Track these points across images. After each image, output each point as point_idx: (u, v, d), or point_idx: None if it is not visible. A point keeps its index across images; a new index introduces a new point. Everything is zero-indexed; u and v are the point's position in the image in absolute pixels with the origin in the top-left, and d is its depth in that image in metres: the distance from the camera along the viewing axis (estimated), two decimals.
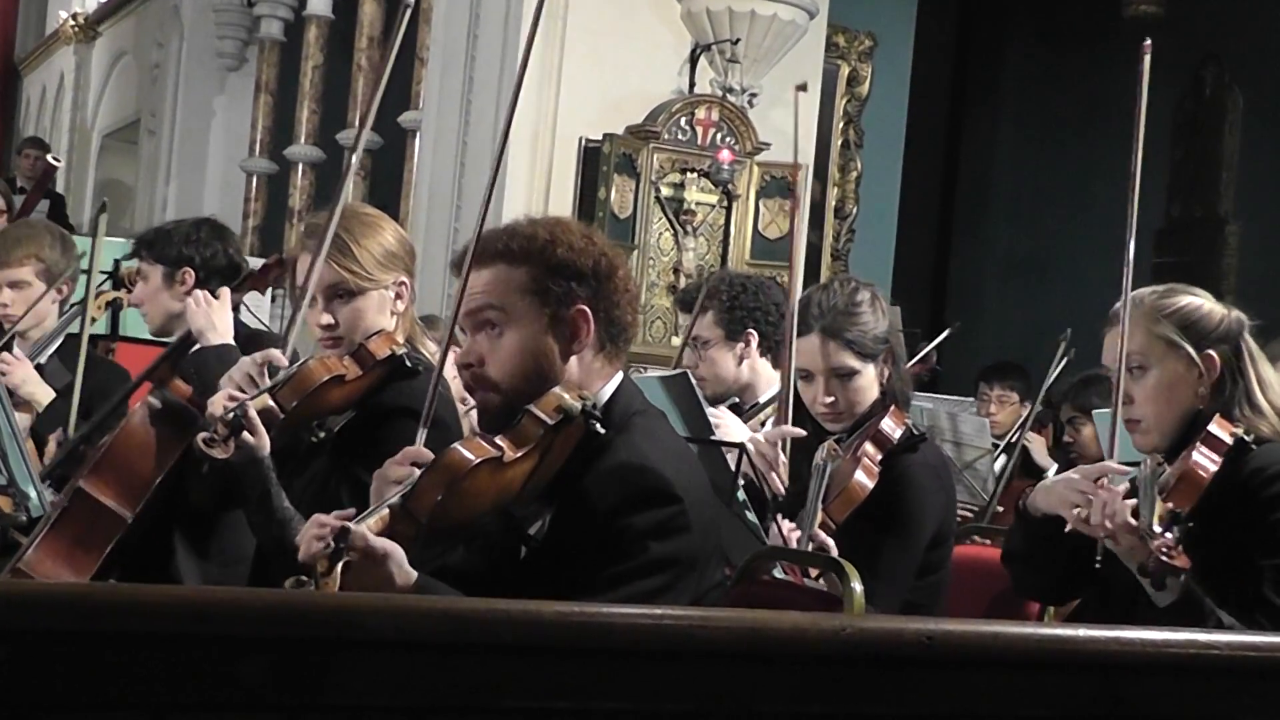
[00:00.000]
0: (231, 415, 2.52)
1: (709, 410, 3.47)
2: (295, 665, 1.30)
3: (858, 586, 2.55)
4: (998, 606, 3.03)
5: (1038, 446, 5.63)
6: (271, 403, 2.60)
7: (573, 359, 2.19)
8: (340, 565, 1.96)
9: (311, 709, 1.31)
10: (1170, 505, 2.27)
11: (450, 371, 3.00)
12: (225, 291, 3.35)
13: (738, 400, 3.87)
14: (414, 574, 2.02)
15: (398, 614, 1.37)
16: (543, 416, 2.10)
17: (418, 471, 2.10)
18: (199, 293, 3.33)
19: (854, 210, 9.42)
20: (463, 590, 2.04)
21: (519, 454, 2.07)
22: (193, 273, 3.66)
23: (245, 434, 2.53)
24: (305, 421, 2.73)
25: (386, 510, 2.02)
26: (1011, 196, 10.67)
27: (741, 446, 3.14)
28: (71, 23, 13.63)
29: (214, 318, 3.25)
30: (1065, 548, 2.43)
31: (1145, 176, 2.72)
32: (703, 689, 1.39)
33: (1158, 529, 2.20)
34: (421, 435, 2.20)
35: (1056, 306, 9.97)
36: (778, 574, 2.93)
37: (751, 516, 3.05)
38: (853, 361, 2.98)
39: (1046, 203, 10.25)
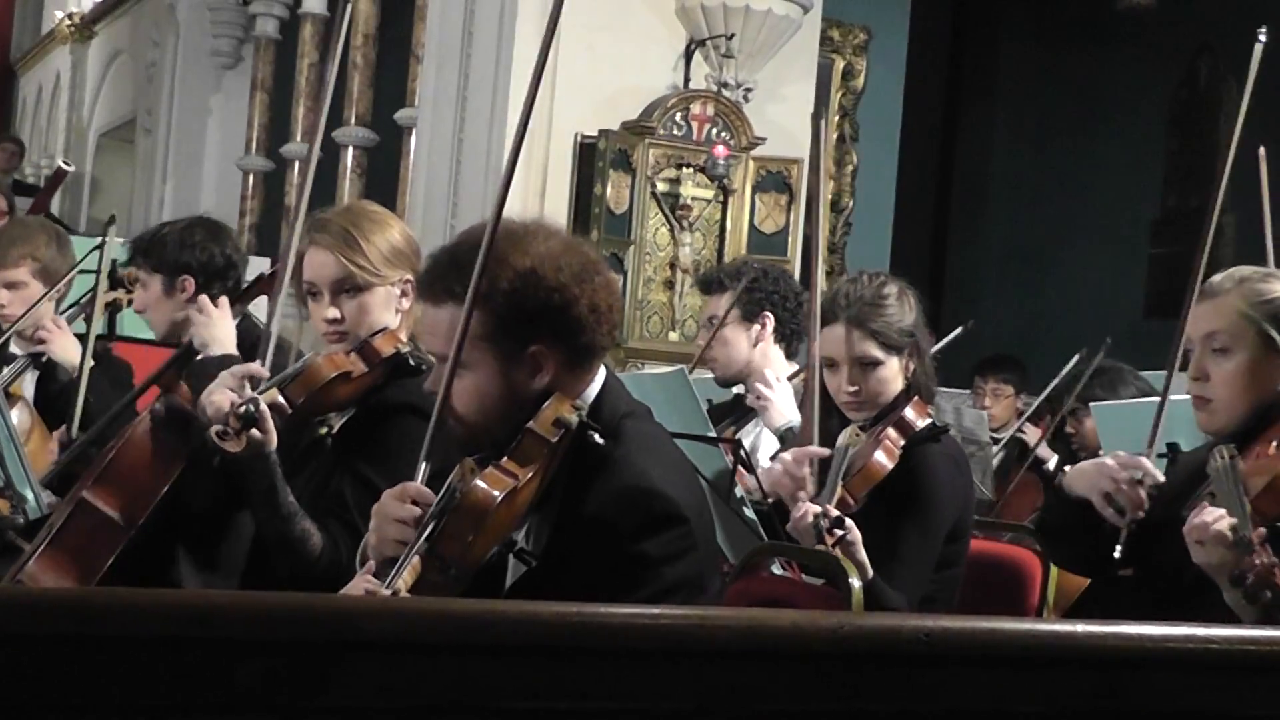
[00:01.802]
0: (244, 409, 2.53)
1: (769, 394, 3.50)
2: (294, 668, 1.30)
3: (856, 583, 2.56)
4: (997, 602, 3.04)
5: (1032, 439, 5.61)
6: (280, 398, 2.62)
7: (537, 388, 2.15)
8: None
9: (310, 711, 1.31)
10: (1257, 509, 2.20)
11: None
12: (224, 301, 3.36)
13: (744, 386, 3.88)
14: None
15: (396, 615, 1.37)
16: (544, 435, 2.08)
17: (417, 510, 2.07)
18: (203, 300, 3.34)
19: (850, 204, 9.42)
20: None
21: (529, 476, 2.06)
22: (192, 280, 3.64)
23: (255, 429, 2.54)
24: (311, 417, 2.74)
25: (417, 559, 1.99)
26: (1008, 189, 10.67)
27: (738, 443, 3.14)
28: (67, 22, 13.62)
29: (215, 330, 3.27)
30: (1099, 528, 2.43)
31: (1141, 167, 2.71)
32: (701, 688, 1.39)
33: (1254, 535, 2.13)
34: (424, 461, 2.18)
35: (1053, 299, 9.99)
36: (776, 570, 2.93)
37: (749, 512, 3.05)
38: (877, 351, 3.00)
39: (1043, 195, 10.25)
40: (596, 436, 2.09)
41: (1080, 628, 1.49)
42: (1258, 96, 2.61)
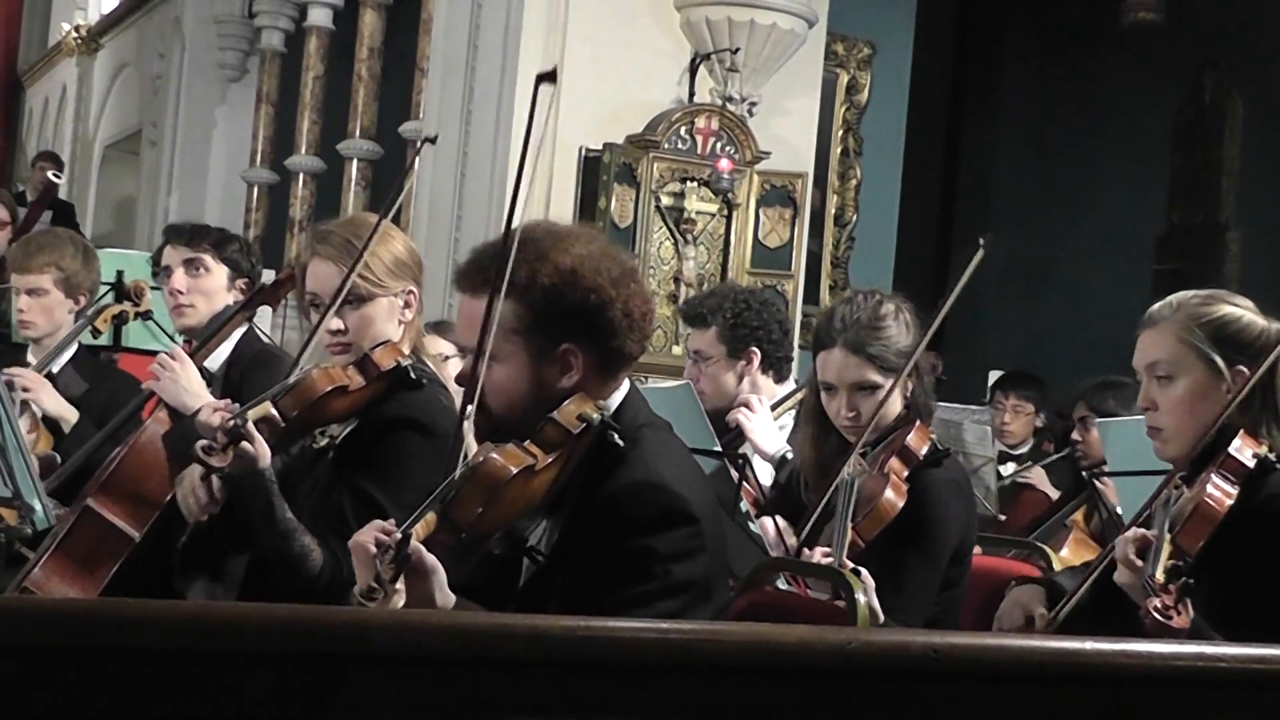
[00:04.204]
0: (231, 424, 2.53)
1: (752, 419, 3.49)
2: (301, 680, 1.30)
3: (862, 598, 2.55)
4: None
5: (1036, 479, 5.57)
6: (273, 411, 2.61)
7: (565, 387, 2.16)
8: (403, 575, 1.94)
9: None
10: (1178, 545, 2.22)
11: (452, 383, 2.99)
12: (179, 350, 3.32)
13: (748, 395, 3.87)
14: (452, 597, 2.00)
15: (404, 629, 1.37)
16: (566, 425, 2.09)
17: (388, 539, 2.02)
18: (161, 361, 3.23)
19: (854, 218, 9.42)
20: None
21: (547, 461, 2.07)
22: (247, 284, 3.70)
23: (244, 444, 2.53)
24: (307, 430, 2.73)
25: (432, 515, 2.00)
26: (1011, 203, 10.68)
27: (743, 457, 3.14)
28: (74, 35, 13.66)
29: (184, 382, 3.17)
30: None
31: (1146, 183, 2.69)
32: (709, 703, 1.39)
33: (1160, 577, 2.15)
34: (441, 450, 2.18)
35: (1057, 313, 9.98)
36: (781, 585, 2.93)
37: (754, 527, 3.05)
38: (875, 376, 2.95)
39: (1046, 209, 10.25)
40: (616, 437, 2.09)
41: (1088, 645, 1.48)
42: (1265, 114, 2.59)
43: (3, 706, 1.25)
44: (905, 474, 2.90)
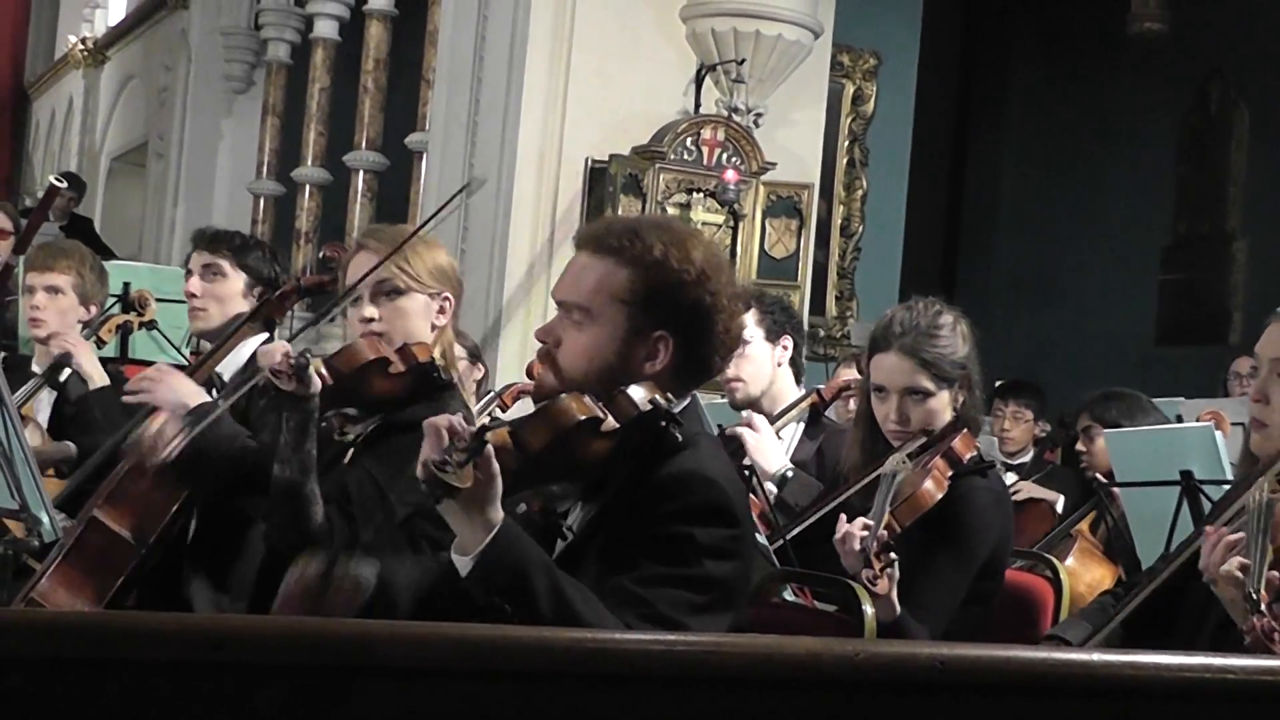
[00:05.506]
0: (297, 359, 2.62)
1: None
2: (311, 693, 1.30)
3: (869, 610, 2.55)
4: (1009, 629, 3.02)
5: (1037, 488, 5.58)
6: (324, 369, 2.67)
7: (644, 372, 2.16)
8: (471, 465, 1.93)
9: None
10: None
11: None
12: (155, 367, 3.29)
13: (750, 412, 3.88)
14: (501, 514, 1.99)
15: (412, 641, 1.37)
16: (637, 400, 2.09)
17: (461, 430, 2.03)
18: (141, 378, 3.10)
19: (860, 228, 9.43)
20: None
21: (613, 427, 2.06)
22: (264, 293, 3.71)
23: (304, 375, 2.62)
24: (343, 398, 2.77)
25: (504, 430, 2.01)
26: (1017, 213, 10.68)
27: (749, 469, 3.14)
28: (80, 47, 13.71)
29: (172, 383, 3.05)
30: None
31: (1151, 193, 2.67)
32: (716, 715, 1.39)
33: (1264, 594, 2.07)
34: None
35: (1063, 323, 9.98)
36: (788, 596, 2.93)
37: (761, 538, 3.05)
38: (928, 383, 2.95)
39: (1052, 219, 10.26)
40: (677, 432, 2.09)
41: (1095, 656, 1.48)
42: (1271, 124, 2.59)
43: (9, 719, 1.25)
44: (949, 472, 2.89)
